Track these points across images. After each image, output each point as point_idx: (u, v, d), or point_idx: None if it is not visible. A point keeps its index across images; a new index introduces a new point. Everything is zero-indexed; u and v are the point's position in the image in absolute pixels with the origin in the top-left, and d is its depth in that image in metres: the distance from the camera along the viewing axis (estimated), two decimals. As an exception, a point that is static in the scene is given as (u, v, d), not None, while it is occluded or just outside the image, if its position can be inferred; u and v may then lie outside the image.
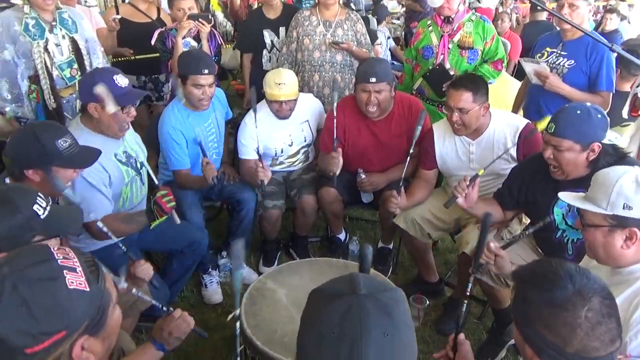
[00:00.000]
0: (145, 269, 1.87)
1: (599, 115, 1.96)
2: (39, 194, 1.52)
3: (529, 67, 3.01)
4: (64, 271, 0.94)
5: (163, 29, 3.45)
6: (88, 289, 0.95)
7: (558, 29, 3.10)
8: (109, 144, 2.25)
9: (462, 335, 1.71)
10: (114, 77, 2.14)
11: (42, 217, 1.46)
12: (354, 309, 0.80)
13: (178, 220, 2.21)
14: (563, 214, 2.16)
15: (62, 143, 1.84)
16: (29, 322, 0.88)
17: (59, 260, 0.95)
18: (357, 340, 0.77)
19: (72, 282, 0.93)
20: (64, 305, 0.91)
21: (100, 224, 1.78)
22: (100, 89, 2.01)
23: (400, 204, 2.56)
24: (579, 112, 1.97)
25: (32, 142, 1.80)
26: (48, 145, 1.81)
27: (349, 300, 0.81)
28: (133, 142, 2.43)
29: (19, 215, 1.41)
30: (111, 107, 2.08)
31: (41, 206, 1.48)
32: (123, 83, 2.16)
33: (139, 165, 2.44)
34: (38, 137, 1.81)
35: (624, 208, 1.47)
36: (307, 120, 3.10)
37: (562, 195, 1.73)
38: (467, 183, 2.25)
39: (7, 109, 2.77)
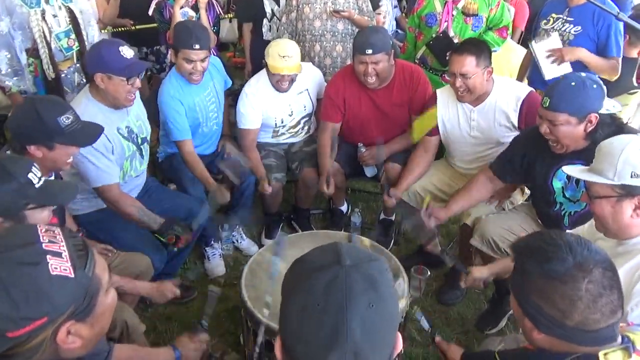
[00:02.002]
0: (171, 289, 2.02)
1: (595, 86, 1.91)
2: (34, 164, 1.55)
3: (540, 51, 2.90)
4: (47, 256, 0.90)
5: (161, -1, 3.38)
6: (73, 275, 0.91)
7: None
8: (114, 117, 2.27)
9: (438, 338, 1.73)
10: (120, 49, 2.13)
11: (36, 186, 1.51)
12: (339, 280, 0.79)
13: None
14: (562, 187, 2.14)
15: (64, 120, 1.81)
16: (9, 307, 0.86)
17: (43, 244, 0.92)
18: (342, 312, 0.76)
19: (56, 268, 0.90)
20: (45, 291, 0.88)
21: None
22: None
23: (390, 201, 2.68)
24: (573, 83, 1.91)
25: (34, 118, 1.78)
26: (49, 122, 1.78)
27: (334, 272, 0.80)
28: (137, 117, 2.43)
29: (14, 182, 1.46)
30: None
31: (36, 175, 1.53)
32: (128, 54, 2.16)
33: (139, 141, 2.44)
34: (39, 113, 1.78)
35: (631, 177, 1.45)
36: (307, 89, 3.06)
37: (566, 168, 1.70)
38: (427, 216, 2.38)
39: (9, 83, 2.74)
